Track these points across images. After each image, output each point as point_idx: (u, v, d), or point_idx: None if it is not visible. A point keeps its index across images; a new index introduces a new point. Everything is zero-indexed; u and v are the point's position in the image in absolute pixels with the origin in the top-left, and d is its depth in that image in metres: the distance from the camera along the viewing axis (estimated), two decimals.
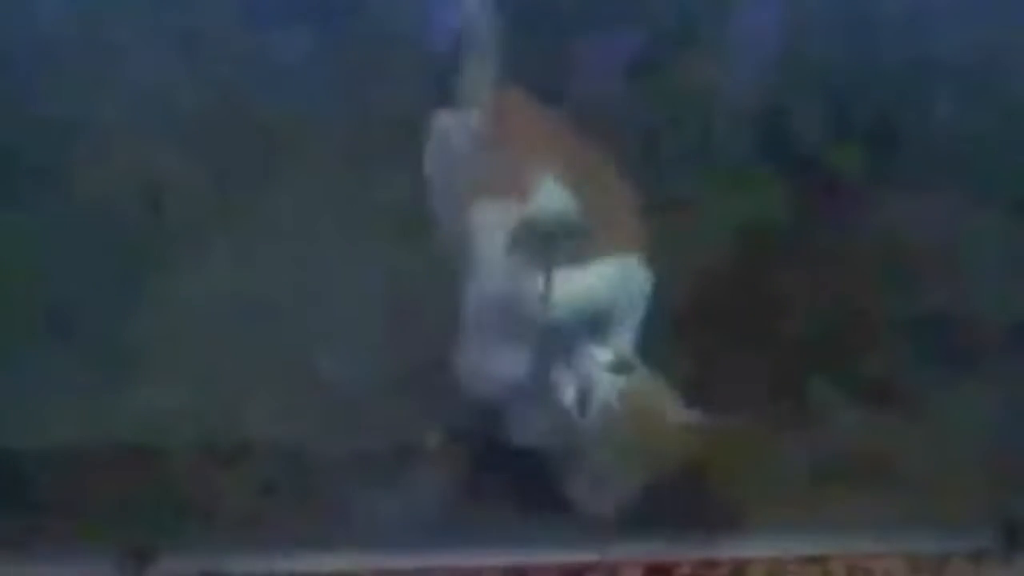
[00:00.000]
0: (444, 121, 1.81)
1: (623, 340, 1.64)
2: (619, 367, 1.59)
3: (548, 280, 1.59)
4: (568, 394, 1.59)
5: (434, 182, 1.81)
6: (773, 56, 2.07)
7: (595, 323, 1.63)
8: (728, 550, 1.63)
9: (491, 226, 1.66)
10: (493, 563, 1.60)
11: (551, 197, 1.65)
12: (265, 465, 1.68)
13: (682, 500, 1.63)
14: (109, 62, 1.92)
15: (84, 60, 1.92)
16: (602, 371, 1.58)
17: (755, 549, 1.62)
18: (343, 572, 1.58)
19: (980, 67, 2.03)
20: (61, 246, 1.87)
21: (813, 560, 1.62)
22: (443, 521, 1.65)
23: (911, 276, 1.95)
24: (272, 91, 1.98)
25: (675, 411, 1.59)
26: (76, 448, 1.68)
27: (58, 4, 1.94)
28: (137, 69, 1.93)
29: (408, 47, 1.99)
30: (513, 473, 1.66)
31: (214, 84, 1.95)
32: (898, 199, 1.99)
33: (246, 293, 1.85)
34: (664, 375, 1.62)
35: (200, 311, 1.83)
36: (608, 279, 1.65)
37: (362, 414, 1.74)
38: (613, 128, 1.84)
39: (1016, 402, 1.80)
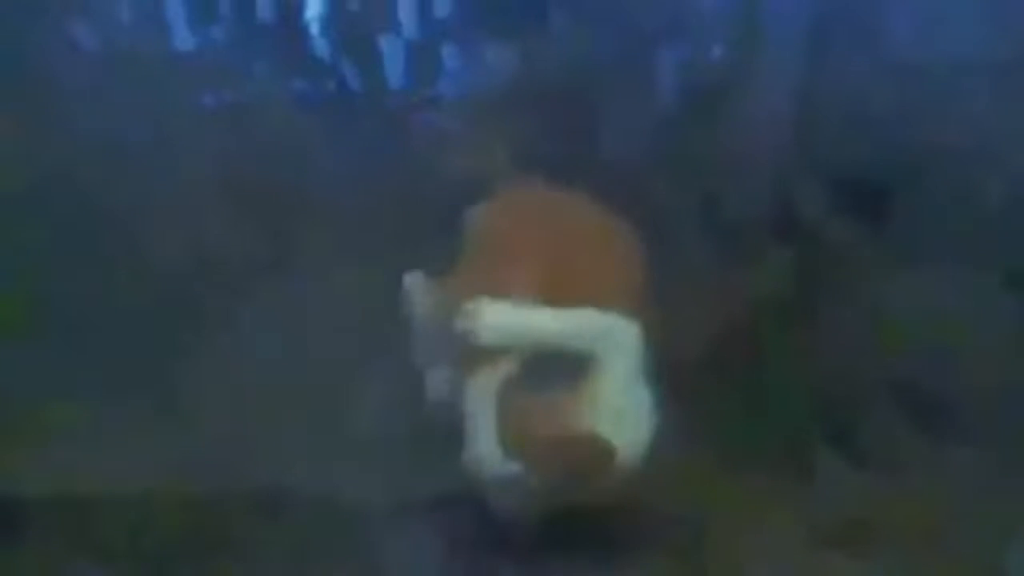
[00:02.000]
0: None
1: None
2: None
3: None
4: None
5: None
6: (785, 127, 2.15)
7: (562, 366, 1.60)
8: None
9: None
10: None
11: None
12: (302, 516, 1.75)
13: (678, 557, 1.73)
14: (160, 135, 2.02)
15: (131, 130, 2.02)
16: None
17: None
18: None
19: (981, 148, 2.11)
20: (107, 302, 1.95)
21: None
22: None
23: (906, 347, 2.04)
24: (312, 162, 2.08)
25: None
26: (119, 495, 1.76)
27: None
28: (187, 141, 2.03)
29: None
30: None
31: (258, 157, 2.05)
32: (897, 272, 2.07)
33: (286, 350, 1.94)
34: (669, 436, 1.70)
35: (241, 366, 1.90)
36: (572, 323, 1.63)
37: (398, 466, 1.79)
38: (626, 195, 1.91)
39: (1003, 469, 1.88)
